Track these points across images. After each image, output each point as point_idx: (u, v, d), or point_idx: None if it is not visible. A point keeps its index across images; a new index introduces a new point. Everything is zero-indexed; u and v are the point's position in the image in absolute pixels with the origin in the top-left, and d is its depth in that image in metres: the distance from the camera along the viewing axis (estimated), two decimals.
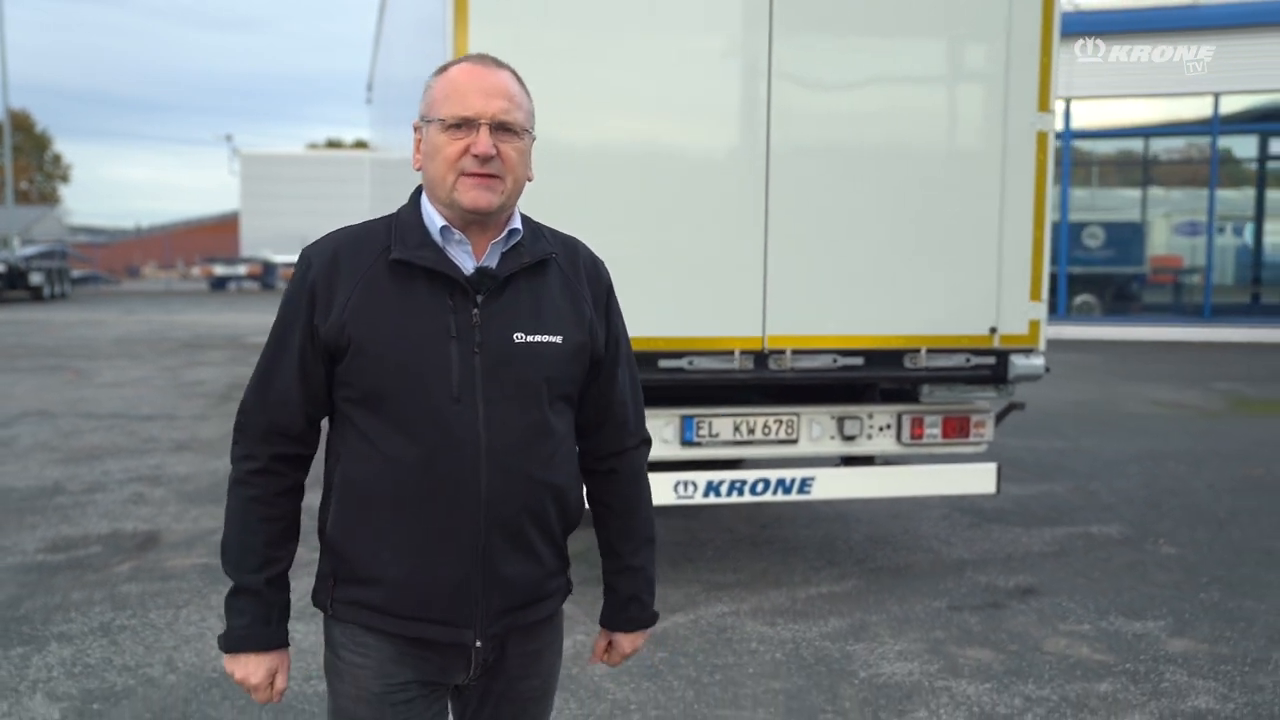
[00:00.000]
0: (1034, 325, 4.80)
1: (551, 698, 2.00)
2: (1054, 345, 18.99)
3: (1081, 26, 21.21)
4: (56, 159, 70.47)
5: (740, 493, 4.71)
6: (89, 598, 4.81)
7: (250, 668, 1.81)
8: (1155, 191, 22.53)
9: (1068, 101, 20.24)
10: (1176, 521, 6.30)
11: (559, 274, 1.83)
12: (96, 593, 4.88)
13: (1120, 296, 21.67)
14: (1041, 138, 4.71)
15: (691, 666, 4.05)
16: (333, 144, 69.03)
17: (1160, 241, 21.91)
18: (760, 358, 4.56)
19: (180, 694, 3.78)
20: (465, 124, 1.71)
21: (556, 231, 1.90)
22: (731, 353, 4.51)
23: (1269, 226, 21.79)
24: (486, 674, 1.87)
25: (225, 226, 57.25)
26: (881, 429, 4.89)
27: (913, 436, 4.88)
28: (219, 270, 45.94)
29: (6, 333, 20.12)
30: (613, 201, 4.43)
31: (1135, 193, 22.95)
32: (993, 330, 4.75)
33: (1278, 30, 18.55)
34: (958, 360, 4.77)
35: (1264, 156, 23.01)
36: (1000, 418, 5.16)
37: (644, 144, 4.60)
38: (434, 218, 1.77)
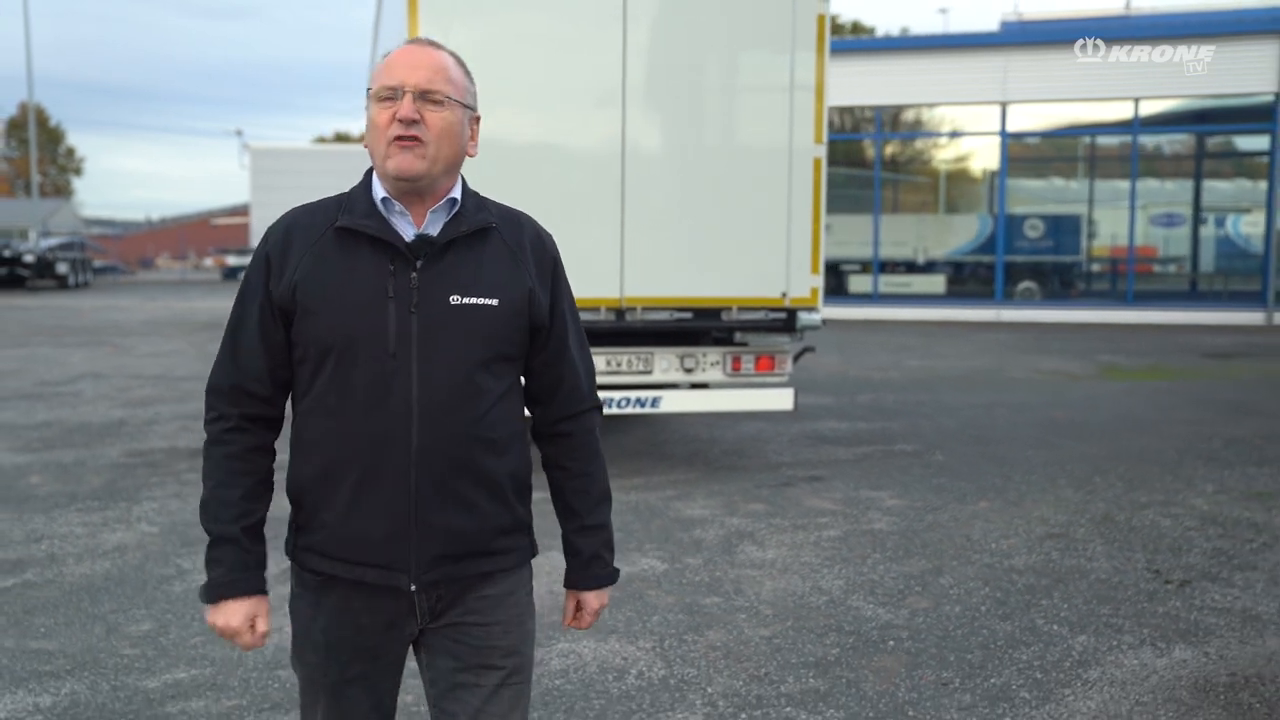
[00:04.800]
0: (814, 291, 6.90)
1: (522, 654, 2.01)
2: (990, 327, 21.10)
3: (1022, 37, 23.31)
4: (70, 152, 72.73)
5: (610, 406, 6.83)
6: (162, 481, 6.97)
7: (229, 614, 1.90)
8: (1080, 186, 24.59)
9: (1004, 105, 22.29)
10: (962, 443, 8.42)
11: (500, 243, 1.93)
12: (167, 478, 7.04)
13: (1056, 282, 23.72)
14: (817, 161, 6.82)
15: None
16: (341, 137, 70.86)
17: (1092, 232, 23.92)
18: (619, 312, 6.69)
19: None
20: (392, 94, 1.83)
21: (503, 205, 2.01)
22: (599, 308, 6.63)
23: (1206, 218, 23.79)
24: (443, 619, 1.94)
25: (237, 216, 59.36)
26: (712, 364, 7.01)
27: (734, 370, 7.01)
28: (232, 261, 48.31)
29: (45, 316, 22.39)
30: (505, 189, 6.50)
31: (1067, 187, 25.06)
32: (784, 294, 6.86)
33: (1191, 40, 20.42)
34: (760, 315, 6.90)
35: (1201, 154, 25.08)
36: (797, 357, 7.28)
37: (532, 142, 6.65)
38: (378, 191, 1.89)
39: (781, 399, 7.10)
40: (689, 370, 6.99)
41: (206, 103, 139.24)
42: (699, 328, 6.99)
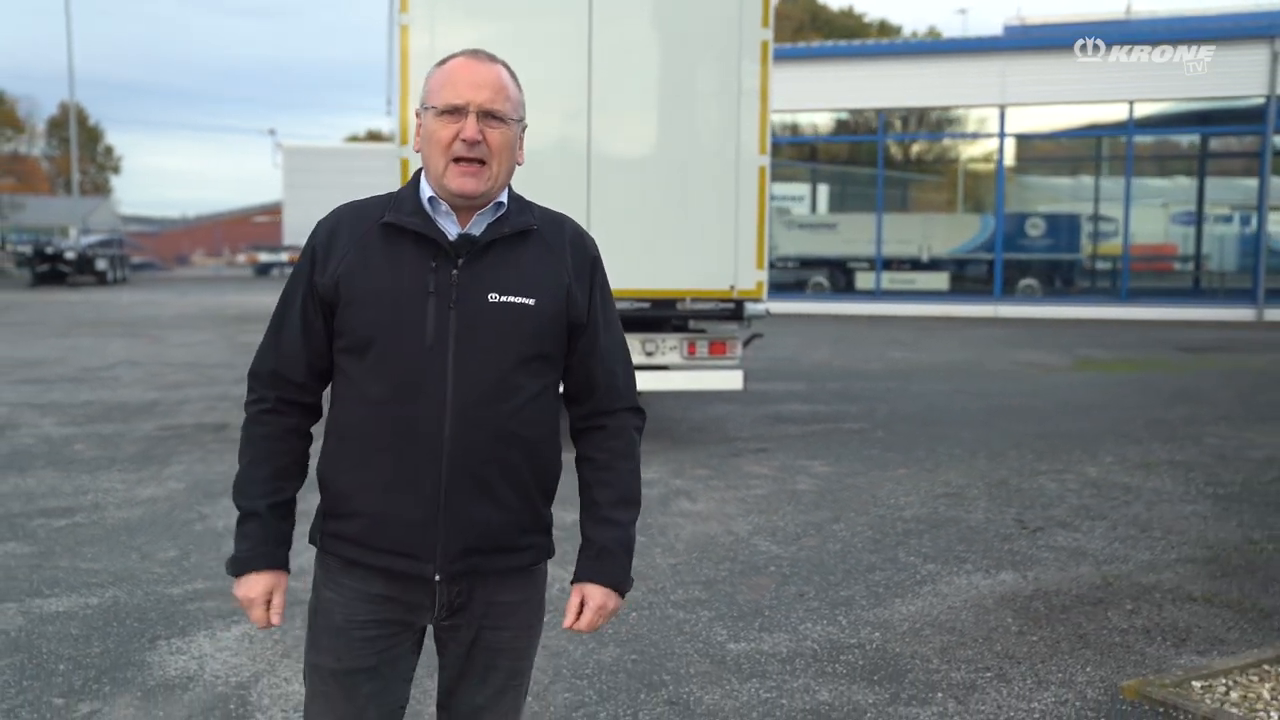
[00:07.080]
0: (759, 284, 7.82)
1: (528, 658, 2.10)
2: (986, 322, 21.88)
3: (1023, 41, 24.02)
4: (108, 150, 74.60)
5: None
6: (189, 449, 8.00)
7: (249, 585, 1.97)
8: (1082, 184, 25.28)
9: (1002, 108, 23.02)
10: (905, 422, 9.29)
11: (541, 244, 1.99)
12: (194, 448, 8.07)
13: (1057, 280, 24.44)
14: (761, 170, 7.73)
15: None
16: (373, 135, 71.98)
17: (1090, 230, 24.62)
18: None
19: None
20: (456, 111, 1.90)
21: (547, 209, 2.07)
22: None
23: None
24: (457, 617, 2.00)
25: (270, 214, 60.87)
26: (670, 348, 7.94)
27: (690, 354, 7.94)
28: (263, 257, 49.80)
29: (86, 309, 23.68)
30: None
31: (1069, 185, 25.76)
32: (732, 286, 7.78)
33: (1182, 44, 21.03)
34: (711, 305, 7.83)
35: (1204, 154, 25.71)
36: (747, 343, 8.20)
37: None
38: (425, 190, 1.96)
39: (732, 379, 8.01)
40: (650, 354, 7.92)
41: (240, 102, 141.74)
42: (657, 316, 7.92)
